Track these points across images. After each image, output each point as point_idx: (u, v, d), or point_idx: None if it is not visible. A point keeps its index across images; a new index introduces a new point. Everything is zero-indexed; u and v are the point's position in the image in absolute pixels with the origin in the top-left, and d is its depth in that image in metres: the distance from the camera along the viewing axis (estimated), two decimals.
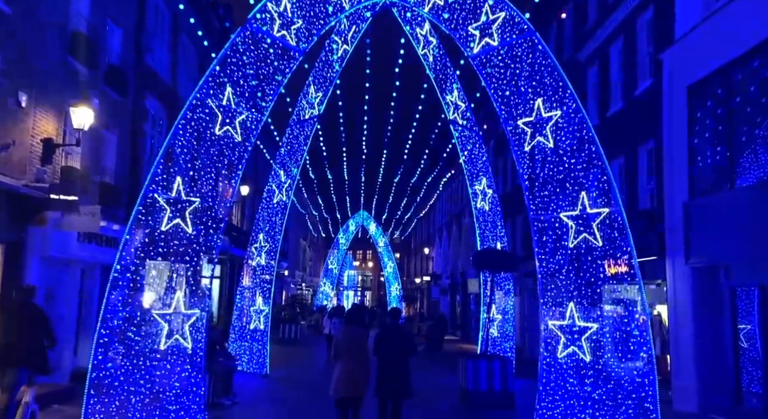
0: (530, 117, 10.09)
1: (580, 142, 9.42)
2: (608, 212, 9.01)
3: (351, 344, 8.60)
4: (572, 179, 9.45)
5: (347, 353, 8.54)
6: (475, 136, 16.01)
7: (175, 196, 9.09)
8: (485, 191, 16.27)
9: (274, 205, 16.41)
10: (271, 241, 16.50)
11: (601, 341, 8.93)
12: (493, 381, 12.07)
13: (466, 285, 38.38)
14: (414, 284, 61.61)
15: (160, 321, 8.86)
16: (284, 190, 16.27)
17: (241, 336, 16.47)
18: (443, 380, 16.40)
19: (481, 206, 16.28)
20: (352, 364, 8.45)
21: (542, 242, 9.85)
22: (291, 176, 16.20)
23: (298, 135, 15.88)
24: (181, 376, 9.08)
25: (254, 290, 16.48)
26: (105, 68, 14.94)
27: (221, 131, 9.71)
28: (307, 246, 69.83)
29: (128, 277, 8.52)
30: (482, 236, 16.34)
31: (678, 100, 12.64)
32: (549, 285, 9.72)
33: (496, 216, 16.42)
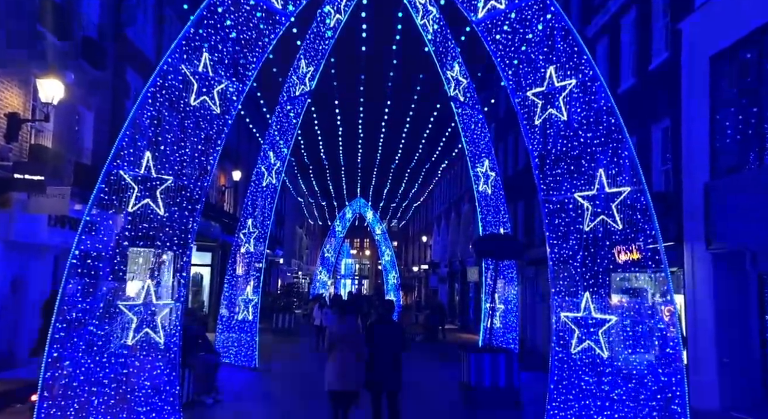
0: (541, 87, 9.10)
1: (597, 113, 8.43)
2: (630, 192, 8.04)
3: (346, 335, 8.27)
4: (588, 155, 8.47)
5: (342, 344, 8.21)
6: (477, 114, 15.02)
7: (143, 173, 8.10)
8: (488, 173, 15.30)
9: (264, 188, 15.43)
10: (260, 227, 15.53)
11: (621, 335, 8.00)
12: (498, 377, 11.17)
13: (465, 273, 37.54)
14: (412, 273, 60.77)
15: (127, 313, 7.90)
16: (274, 172, 15.28)
17: (229, 327, 15.55)
18: (441, 373, 15.52)
19: (483, 190, 15.32)
20: (347, 356, 8.16)
21: (554, 225, 8.90)
22: (281, 157, 15.20)
23: (289, 113, 14.86)
24: (152, 374, 8.15)
25: (243, 279, 15.54)
26: (80, 40, 13.89)
27: (197, 101, 8.70)
28: (303, 234, 68.97)
29: (89, 264, 7.54)
30: (484, 222, 15.39)
31: (699, 72, 11.64)
32: (561, 273, 8.79)
33: (498, 200, 15.47)
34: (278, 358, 17.42)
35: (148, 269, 8.88)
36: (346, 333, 8.31)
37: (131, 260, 8.66)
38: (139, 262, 8.98)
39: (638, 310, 8.02)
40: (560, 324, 8.67)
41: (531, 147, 9.26)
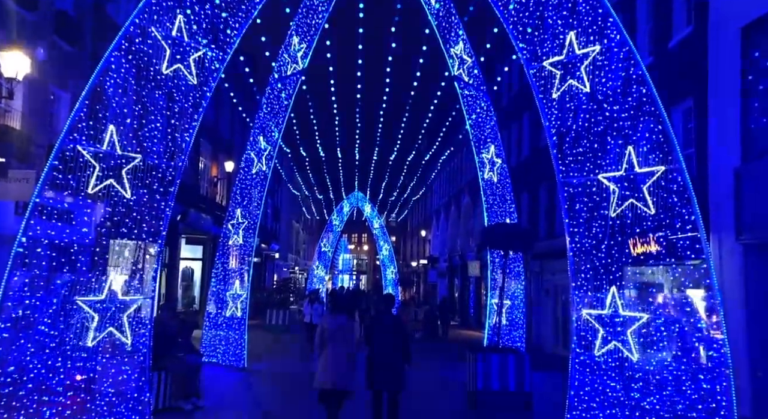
0: (560, 56, 8.07)
1: (626, 83, 7.40)
2: (664, 171, 7.01)
3: (337, 332, 7.94)
4: (615, 131, 7.44)
5: (333, 341, 7.89)
6: (483, 96, 13.98)
7: (106, 150, 7.05)
8: (493, 159, 14.27)
9: (253, 176, 14.38)
10: (249, 217, 14.49)
11: (654, 335, 6.99)
12: (507, 379, 10.16)
13: (465, 268, 36.56)
14: (410, 268, 59.76)
15: (86, 311, 6.87)
16: (264, 158, 14.23)
17: (216, 325, 14.52)
18: (444, 373, 14.52)
19: (488, 177, 14.29)
20: (338, 354, 7.84)
21: (574, 211, 7.88)
22: (272, 141, 14.15)
23: (280, 94, 13.80)
24: (117, 379, 7.14)
25: (231, 273, 14.50)
26: (53, 13, 12.82)
27: (169, 69, 7.65)
28: (300, 229, 67.94)
29: (39, 253, 6.50)
30: (489, 212, 14.37)
31: (728, 46, 10.60)
32: (583, 266, 7.77)
33: (505, 189, 14.44)
34: (269, 357, 16.41)
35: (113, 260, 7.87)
36: (338, 329, 7.93)
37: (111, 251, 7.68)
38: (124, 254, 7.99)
39: (674, 307, 7.01)
40: (582, 322, 7.66)
41: (548, 124, 8.23)
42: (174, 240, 21.59)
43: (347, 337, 7.95)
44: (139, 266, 7.68)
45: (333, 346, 7.85)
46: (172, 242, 21.45)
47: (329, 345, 7.88)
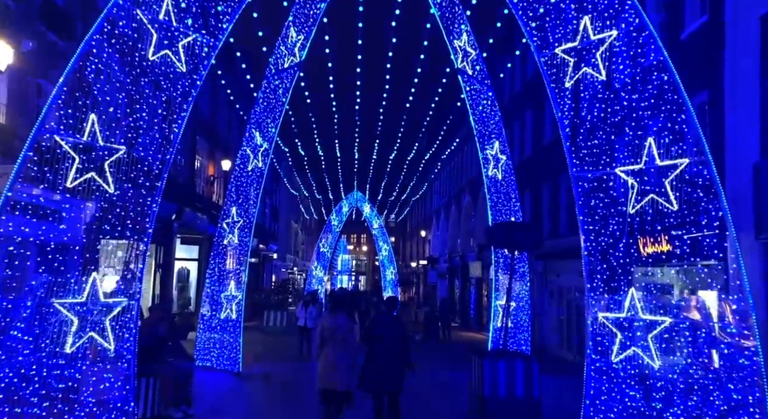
0: (573, 42, 7.58)
1: (645, 70, 6.90)
2: (689, 164, 6.52)
3: (336, 332, 7.87)
4: (634, 121, 6.95)
5: (332, 341, 7.83)
6: (487, 91, 13.47)
7: (87, 140, 6.54)
8: (498, 156, 13.76)
9: (249, 173, 13.87)
10: (245, 215, 13.98)
11: (678, 341, 6.49)
12: (515, 386, 9.64)
13: (466, 269, 36.07)
14: (410, 269, 59.25)
15: (65, 314, 6.36)
16: (260, 155, 13.72)
17: (210, 327, 14.00)
18: (446, 378, 14.01)
19: (493, 175, 13.79)
20: (338, 354, 7.76)
21: (589, 208, 7.39)
22: (268, 137, 13.64)
23: (277, 88, 13.29)
24: (99, 388, 6.63)
25: (226, 274, 13.98)
26: (40, 4, 12.31)
27: (156, 55, 7.14)
28: (299, 229, 67.42)
29: (12, 252, 5.99)
30: (494, 210, 13.87)
31: (746, 36, 10.11)
32: (599, 266, 7.28)
33: (509, 186, 13.94)
34: (266, 361, 15.89)
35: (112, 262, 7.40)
36: (337, 329, 7.85)
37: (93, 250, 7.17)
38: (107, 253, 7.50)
39: (699, 310, 6.51)
40: (597, 326, 7.16)
41: (561, 115, 7.73)
42: (168, 240, 21.07)
43: (347, 337, 7.87)
44: (124, 267, 7.16)
45: (333, 346, 7.76)
46: (166, 242, 20.93)
47: (329, 345, 7.80)
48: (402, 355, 8.11)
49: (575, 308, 18.41)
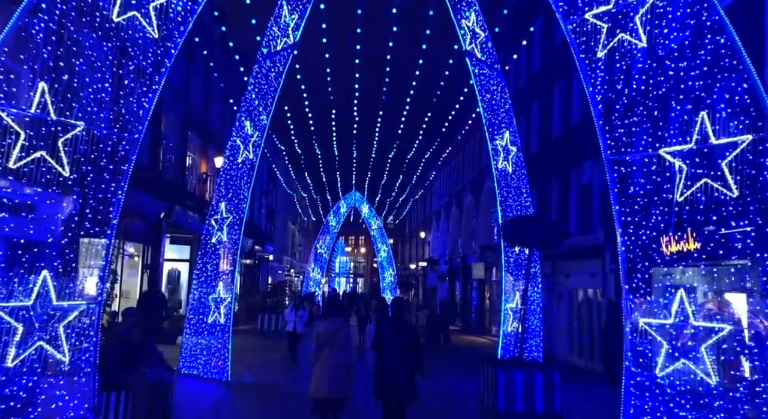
0: (606, 5, 6.54)
1: (696, 33, 5.87)
2: (751, 142, 5.49)
3: (333, 337, 7.66)
4: (683, 94, 5.92)
5: (329, 346, 7.60)
6: (497, 76, 12.44)
7: (35, 113, 5.49)
8: (508, 147, 12.74)
9: (239, 165, 12.82)
10: (235, 211, 12.93)
11: (740, 353, 5.45)
12: (534, 400, 8.60)
13: (467, 270, 35.04)
14: (409, 271, 58.18)
15: (7, 320, 5.30)
16: (251, 145, 12.67)
17: (197, 332, 12.94)
18: (454, 386, 12.97)
19: (503, 167, 12.76)
20: (335, 359, 7.56)
21: (627, 196, 6.35)
22: (260, 126, 12.60)
23: (269, 72, 12.25)
24: (50, 408, 5.57)
25: (214, 274, 12.93)
26: None
27: (122, 17, 6.09)
28: (296, 230, 66.37)
29: None
30: (504, 206, 12.84)
31: None
32: (639, 264, 6.23)
33: (521, 180, 12.92)
34: (259, 368, 14.82)
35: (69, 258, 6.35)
36: (334, 333, 7.65)
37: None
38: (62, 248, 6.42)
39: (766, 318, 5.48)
40: (638, 334, 6.12)
41: (592, 90, 6.70)
42: (157, 239, 19.99)
43: (344, 342, 7.68)
44: (84, 264, 6.12)
45: (329, 351, 7.57)
46: (154, 242, 19.86)
47: (325, 351, 7.60)
48: (413, 361, 7.69)
49: (586, 311, 17.39)
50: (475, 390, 10.26)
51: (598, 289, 16.33)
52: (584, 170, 17.60)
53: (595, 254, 16.05)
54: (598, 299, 16.41)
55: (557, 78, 20.30)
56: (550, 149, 21.32)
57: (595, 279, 16.31)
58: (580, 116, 18.25)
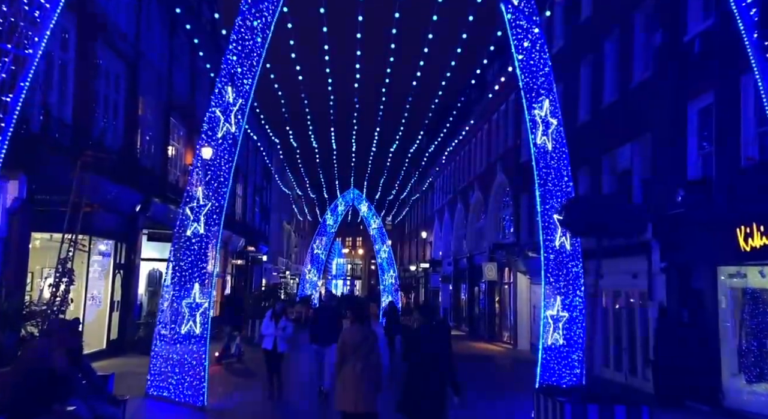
0: None
1: None
2: None
3: (359, 345, 7.06)
4: None
5: (355, 356, 7.01)
6: (535, 28, 10.15)
7: None
8: (547, 119, 10.48)
9: (219, 141, 10.51)
10: (214, 197, 10.60)
11: None
12: None
13: (474, 271, 32.74)
14: (409, 273, 55.85)
15: None
16: (233, 116, 10.37)
17: (168, 346, 10.60)
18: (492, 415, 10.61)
19: (541, 143, 10.48)
20: (360, 370, 6.92)
21: None
22: (243, 92, 10.29)
23: (254, 27, 9.92)
24: None
25: (189, 275, 10.60)
26: None
27: None
28: (292, 231, 64.09)
29: None
30: (543, 190, 10.55)
31: None
32: None
33: (561, 161, 10.65)
34: (244, 387, 12.50)
35: None
36: (362, 342, 7.12)
37: None
38: None
39: None
40: None
41: None
42: (132, 236, 17.64)
43: (370, 352, 7.11)
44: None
45: (354, 362, 7.03)
46: (129, 239, 17.50)
47: (351, 361, 7.07)
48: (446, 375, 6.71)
49: (626, 317, 15.10)
50: None
51: (643, 291, 14.05)
52: (621, 154, 15.32)
53: (638, 251, 13.76)
54: (643, 303, 14.13)
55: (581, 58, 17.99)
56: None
57: (639, 280, 14.03)
58: (615, 94, 15.99)
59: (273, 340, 11.30)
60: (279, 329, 11.32)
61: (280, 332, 11.30)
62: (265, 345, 11.44)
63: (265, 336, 11.55)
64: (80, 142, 12.56)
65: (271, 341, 11.33)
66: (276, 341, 11.29)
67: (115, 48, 16.66)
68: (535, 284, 22.70)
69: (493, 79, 29.97)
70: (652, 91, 13.77)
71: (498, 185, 28.12)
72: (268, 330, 11.48)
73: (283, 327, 11.36)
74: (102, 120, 16.13)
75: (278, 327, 11.34)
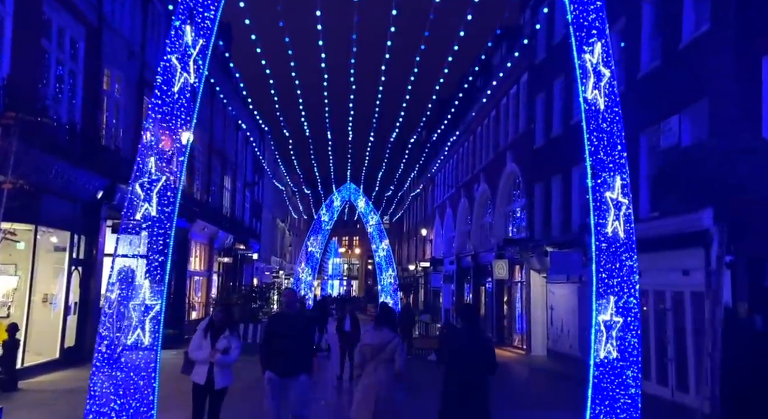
0: None
1: None
2: None
3: (380, 350, 6.76)
4: None
5: (375, 362, 6.76)
6: None
7: None
8: (599, 69, 8.15)
9: (175, 96, 8.14)
10: (167, 169, 8.22)
11: None
12: None
13: (479, 270, 30.47)
14: (408, 273, 53.51)
15: None
16: (192, 62, 8.01)
17: (111, 360, 8.19)
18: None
19: (592, 99, 8.14)
20: (380, 378, 6.68)
21: None
22: (204, 32, 7.93)
23: None
24: None
25: (133, 271, 8.23)
26: None
27: None
28: (286, 229, 61.78)
29: None
30: (594, 161, 8.20)
31: None
32: None
33: (614, 124, 8.32)
34: None
35: None
36: (383, 346, 6.75)
37: None
38: None
39: None
40: None
41: None
42: (92, 226, 15.25)
43: (390, 358, 6.75)
44: None
45: (375, 368, 6.73)
46: (89, 230, 15.12)
47: (370, 366, 6.77)
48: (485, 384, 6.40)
49: (674, 321, 12.79)
50: None
51: (697, 291, 11.72)
52: (667, 125, 12.98)
53: (691, 241, 11.44)
54: (698, 306, 11.80)
55: None
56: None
57: (692, 278, 11.71)
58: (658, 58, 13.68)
59: (208, 370, 7.33)
60: (216, 351, 7.30)
61: (218, 356, 7.29)
62: (195, 378, 7.48)
63: (195, 362, 7.49)
64: (12, 105, 10.19)
65: (204, 371, 7.34)
66: (212, 370, 7.36)
67: (71, 6, 14.28)
68: (552, 283, 20.39)
69: (500, 64, 27.69)
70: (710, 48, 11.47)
71: (507, 175, 25.81)
72: (200, 352, 7.46)
73: (224, 349, 7.31)
74: (54, 88, 13.75)
75: (216, 348, 7.32)
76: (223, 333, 7.55)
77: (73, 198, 14.16)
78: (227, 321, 7.73)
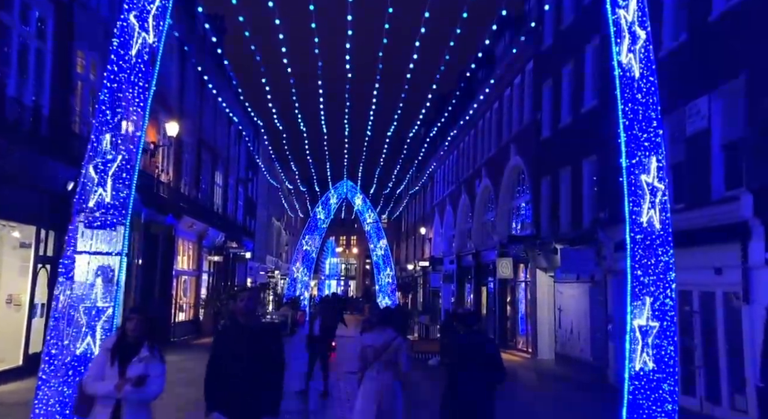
0: None
1: None
2: None
3: (382, 351, 6.57)
4: None
5: (377, 363, 6.56)
6: None
7: None
8: (635, 30, 6.93)
9: (132, 61, 6.89)
10: (125, 147, 6.98)
11: None
12: None
13: (481, 269, 29.25)
14: (407, 272, 52.26)
15: None
16: (151, 20, 6.75)
17: (58, 370, 6.95)
18: None
19: (627, 64, 6.95)
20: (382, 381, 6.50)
21: None
22: None
23: None
24: None
25: (84, 267, 7.01)
26: None
27: None
28: (282, 228, 60.52)
29: None
30: (629, 136, 6.98)
31: None
32: None
33: (649, 96, 7.12)
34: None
35: None
36: (384, 347, 6.57)
37: None
38: None
39: None
40: None
41: None
42: (63, 221, 13.92)
43: (393, 359, 6.60)
44: None
45: (377, 371, 6.57)
46: (58, 225, 13.81)
47: (372, 368, 6.60)
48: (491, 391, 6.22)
49: (703, 324, 11.56)
50: None
51: (732, 292, 10.50)
52: (694, 108, 11.71)
53: (725, 236, 10.21)
54: (732, 307, 10.57)
55: None
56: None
57: (726, 276, 10.48)
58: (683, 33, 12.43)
59: (112, 411, 4.64)
60: (127, 381, 4.64)
61: (128, 389, 4.61)
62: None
63: (94, 397, 4.79)
64: None
65: (107, 413, 4.65)
66: (119, 411, 4.64)
67: None
68: (561, 283, 19.14)
69: (503, 54, 26.47)
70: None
71: (511, 169, 24.56)
72: (101, 383, 4.75)
73: (138, 378, 4.65)
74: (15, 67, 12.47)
75: (126, 377, 4.66)
76: (137, 354, 4.80)
77: (39, 189, 12.91)
78: (145, 335, 4.90)
